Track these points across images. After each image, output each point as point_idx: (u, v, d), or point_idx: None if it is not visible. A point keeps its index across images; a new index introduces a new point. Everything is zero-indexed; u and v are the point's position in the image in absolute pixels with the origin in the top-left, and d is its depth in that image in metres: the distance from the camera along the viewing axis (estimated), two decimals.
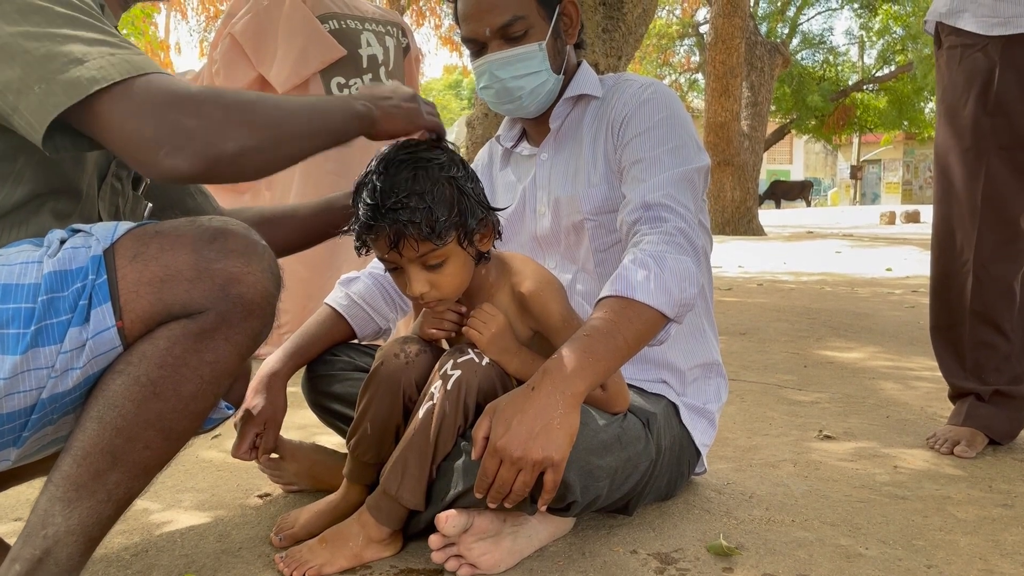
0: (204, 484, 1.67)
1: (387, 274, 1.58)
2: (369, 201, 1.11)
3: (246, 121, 0.95)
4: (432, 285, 1.17)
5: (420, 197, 1.10)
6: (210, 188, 3.29)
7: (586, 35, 1.59)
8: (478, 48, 1.43)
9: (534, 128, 1.57)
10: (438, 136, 1.23)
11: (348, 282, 1.58)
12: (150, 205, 1.33)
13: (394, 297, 1.59)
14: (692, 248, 1.26)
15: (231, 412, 1.21)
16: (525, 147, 1.58)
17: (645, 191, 1.31)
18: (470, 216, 1.15)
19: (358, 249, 1.19)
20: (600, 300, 1.21)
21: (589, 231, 1.45)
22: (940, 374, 1.99)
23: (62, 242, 0.95)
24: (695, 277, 1.23)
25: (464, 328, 1.25)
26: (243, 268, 0.96)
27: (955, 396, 1.95)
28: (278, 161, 1.01)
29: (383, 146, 1.20)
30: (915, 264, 7.03)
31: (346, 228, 1.18)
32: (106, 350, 0.93)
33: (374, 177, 1.12)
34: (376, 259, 1.62)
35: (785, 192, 26.79)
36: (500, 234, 1.26)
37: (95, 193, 1.15)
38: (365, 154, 1.33)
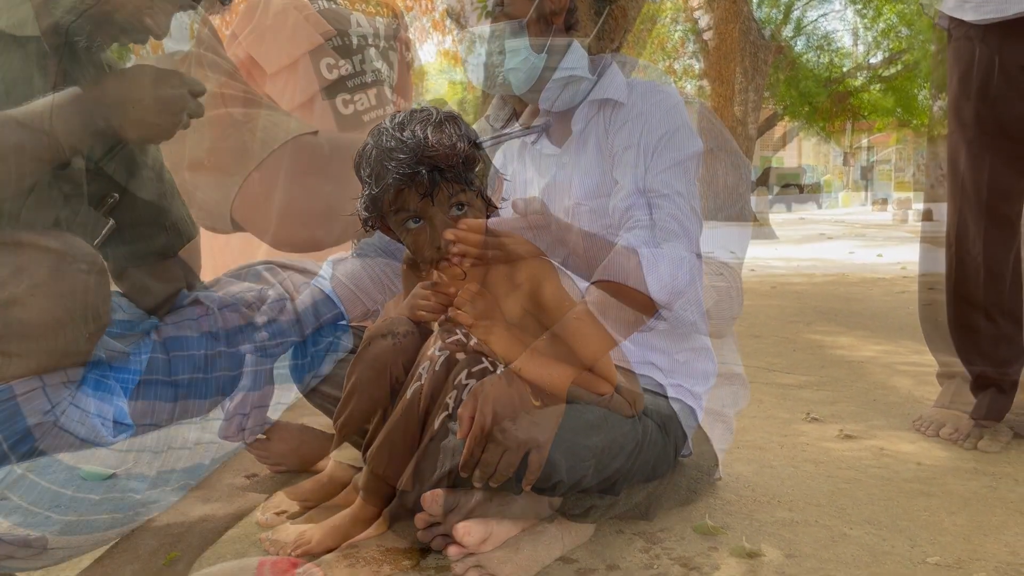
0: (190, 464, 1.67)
1: (376, 259, 1.57)
2: (402, 156, 1.12)
3: None
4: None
5: (451, 145, 1.13)
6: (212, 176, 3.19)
7: (579, 17, 1.57)
8: (462, 24, 1.43)
9: (557, 128, 1.51)
10: None
11: (336, 263, 1.57)
12: (112, 223, 1.30)
13: (382, 279, 1.58)
14: (685, 235, 1.26)
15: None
16: (547, 146, 1.53)
17: (639, 177, 1.30)
18: (486, 167, 1.19)
19: (366, 223, 1.19)
20: (592, 285, 1.20)
21: (580, 216, 1.44)
22: (927, 358, 2.00)
23: None
24: (687, 264, 1.23)
25: (451, 309, 1.24)
26: None
27: (942, 376, 1.96)
28: None
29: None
30: (906, 252, 7.05)
31: (361, 195, 1.18)
32: None
33: (396, 136, 1.14)
34: (365, 242, 1.61)
35: (795, 192, 27.84)
36: (504, 199, 1.26)
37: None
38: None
